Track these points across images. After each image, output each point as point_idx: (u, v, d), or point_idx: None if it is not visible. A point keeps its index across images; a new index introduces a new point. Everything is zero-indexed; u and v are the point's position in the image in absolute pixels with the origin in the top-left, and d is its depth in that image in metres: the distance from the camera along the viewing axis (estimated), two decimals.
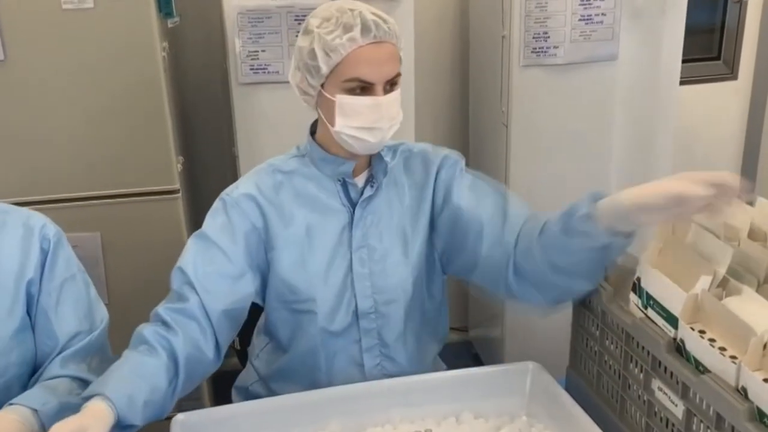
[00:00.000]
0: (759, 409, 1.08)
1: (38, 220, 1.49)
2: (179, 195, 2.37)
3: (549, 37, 2.47)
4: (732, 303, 1.21)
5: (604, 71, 2.55)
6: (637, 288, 1.37)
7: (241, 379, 1.78)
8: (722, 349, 1.17)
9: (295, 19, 2.33)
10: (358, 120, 1.47)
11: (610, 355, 1.46)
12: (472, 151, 3.00)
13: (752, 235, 1.42)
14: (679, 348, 1.26)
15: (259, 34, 2.35)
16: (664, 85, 2.63)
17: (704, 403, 1.18)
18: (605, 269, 1.47)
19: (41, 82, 2.21)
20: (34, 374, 1.47)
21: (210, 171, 2.93)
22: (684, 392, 1.23)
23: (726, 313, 1.18)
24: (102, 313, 1.54)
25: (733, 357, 1.15)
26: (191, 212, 2.61)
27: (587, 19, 2.46)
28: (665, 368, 1.27)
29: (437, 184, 1.62)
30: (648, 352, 1.32)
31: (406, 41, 1.54)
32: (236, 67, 2.38)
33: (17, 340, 1.43)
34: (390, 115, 1.49)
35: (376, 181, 1.58)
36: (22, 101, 2.22)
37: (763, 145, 3.25)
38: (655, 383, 1.31)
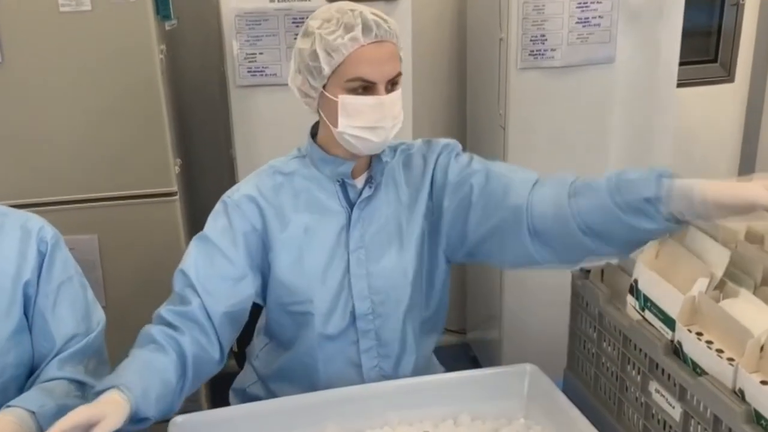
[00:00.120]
0: (756, 411, 1.08)
1: (36, 222, 1.49)
2: (177, 197, 2.37)
3: (546, 39, 2.47)
4: (729, 305, 1.22)
5: (601, 74, 2.55)
6: (634, 290, 1.37)
7: (238, 381, 1.78)
8: (719, 351, 1.17)
9: (293, 22, 2.33)
10: (361, 120, 1.47)
11: (608, 357, 1.46)
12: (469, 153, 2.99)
13: (749, 237, 1.43)
14: (676, 350, 1.26)
15: (257, 36, 2.35)
16: (661, 88, 2.63)
17: (701, 405, 1.18)
18: (642, 245, 1.42)
19: (39, 85, 2.21)
20: (31, 376, 1.47)
21: (207, 173, 2.93)
22: (681, 394, 1.23)
23: (723, 316, 1.18)
24: (99, 316, 1.54)
25: (730, 359, 1.15)
26: (189, 214, 2.61)
27: (584, 22, 2.46)
28: (662, 370, 1.27)
29: (436, 169, 1.62)
30: (645, 354, 1.32)
31: (403, 44, 1.54)
32: (234, 69, 2.38)
33: (14, 342, 1.43)
34: (393, 114, 1.49)
35: (374, 182, 1.59)
36: (19, 104, 2.22)
37: (761, 147, 3.25)
38: (653, 385, 1.31)
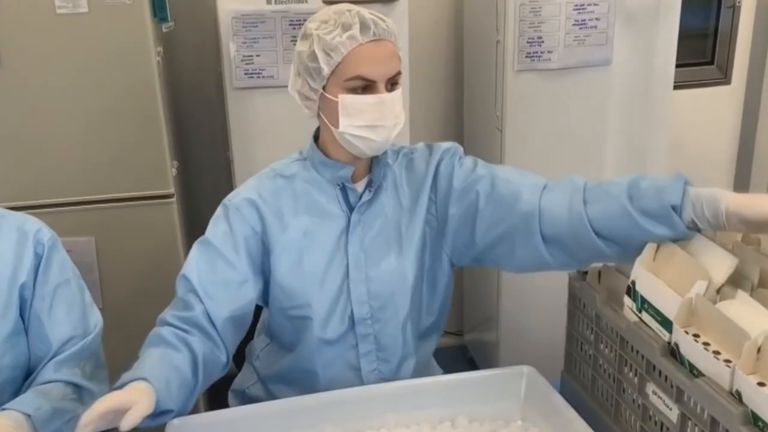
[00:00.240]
0: (753, 413, 1.09)
1: (33, 224, 1.49)
2: (174, 199, 2.37)
3: (543, 41, 2.47)
4: (726, 307, 1.22)
5: (598, 76, 2.55)
6: (631, 292, 1.37)
7: (237, 382, 1.77)
8: (716, 352, 1.17)
9: (290, 24, 2.33)
10: (361, 119, 1.46)
11: (605, 359, 1.46)
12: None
13: (746, 239, 1.43)
14: (673, 352, 1.26)
15: (254, 38, 2.35)
16: (657, 90, 2.64)
17: (698, 406, 1.18)
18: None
19: (36, 87, 2.21)
20: (27, 379, 1.47)
21: (204, 175, 2.93)
22: (678, 396, 1.23)
23: (720, 317, 1.18)
24: (96, 318, 1.54)
25: (727, 361, 1.15)
26: (186, 216, 2.61)
27: (581, 24, 2.46)
28: (660, 372, 1.27)
29: (438, 175, 1.61)
30: (642, 356, 1.32)
31: (400, 45, 1.54)
32: (231, 71, 2.38)
33: (10, 344, 1.43)
34: (394, 113, 1.49)
35: (374, 186, 1.58)
36: (16, 106, 2.22)
37: (757, 149, 3.26)
38: (650, 387, 1.31)
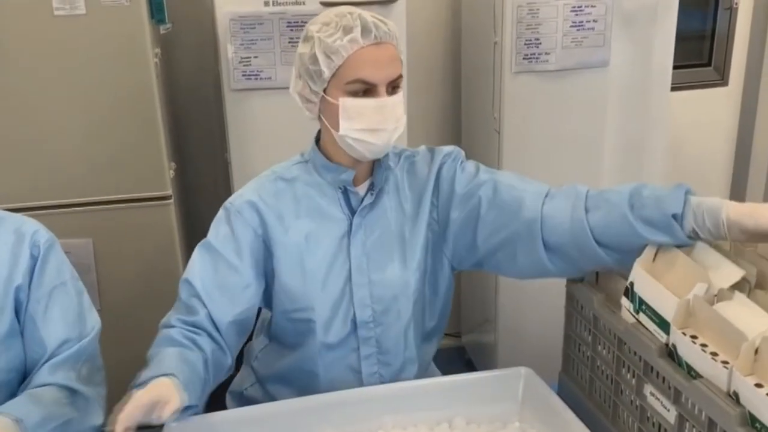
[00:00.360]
0: (751, 414, 1.09)
1: (31, 226, 1.49)
2: (171, 201, 2.37)
3: (541, 43, 2.47)
4: (723, 308, 1.22)
5: (595, 77, 2.56)
6: (629, 293, 1.37)
7: (235, 384, 1.77)
8: (714, 354, 1.17)
9: (288, 26, 2.33)
10: (362, 122, 1.46)
11: (603, 361, 1.46)
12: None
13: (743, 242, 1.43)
14: (671, 353, 1.26)
15: (252, 40, 2.35)
16: (655, 91, 2.64)
17: (696, 408, 1.18)
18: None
19: (33, 89, 2.21)
20: (23, 381, 1.46)
21: (202, 177, 2.93)
22: (676, 397, 1.23)
23: (718, 319, 1.18)
24: (94, 321, 1.53)
25: (724, 362, 1.15)
26: (183, 218, 2.61)
27: (579, 26, 2.47)
28: (657, 373, 1.27)
29: (439, 182, 1.61)
30: (640, 358, 1.32)
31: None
32: (228, 73, 2.38)
33: (5, 346, 1.43)
34: (395, 117, 1.48)
35: (376, 189, 1.58)
36: (13, 107, 2.21)
37: (754, 151, 3.26)
38: (648, 388, 1.31)
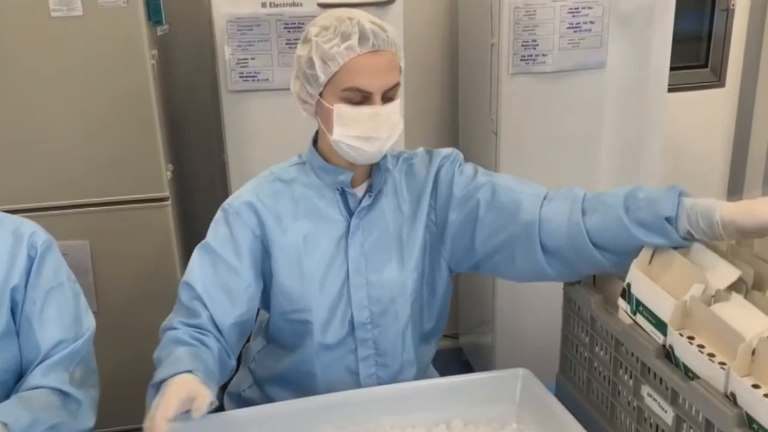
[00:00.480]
0: (748, 415, 1.09)
1: (28, 227, 1.49)
2: (169, 202, 2.37)
3: (538, 45, 2.47)
4: (721, 309, 1.22)
5: (592, 79, 2.55)
6: (626, 294, 1.37)
7: (233, 385, 1.77)
8: (711, 355, 1.18)
9: (285, 27, 2.33)
10: (355, 129, 1.46)
11: (600, 362, 1.46)
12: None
13: (739, 241, 1.43)
14: (668, 354, 1.26)
15: (249, 41, 2.35)
16: (652, 93, 2.64)
17: (693, 409, 1.18)
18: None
19: (30, 90, 2.20)
20: (19, 382, 1.46)
21: (199, 178, 2.92)
22: (673, 398, 1.23)
23: (715, 320, 1.19)
24: (89, 323, 1.53)
25: (722, 363, 1.15)
26: (181, 220, 2.61)
27: (576, 27, 2.47)
28: (654, 374, 1.28)
29: (437, 184, 1.61)
30: (637, 359, 1.32)
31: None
32: (225, 74, 2.38)
33: (0, 346, 1.43)
34: (389, 125, 1.48)
35: (374, 191, 1.58)
36: (10, 109, 2.21)
37: (751, 152, 3.27)
38: (645, 389, 1.31)
